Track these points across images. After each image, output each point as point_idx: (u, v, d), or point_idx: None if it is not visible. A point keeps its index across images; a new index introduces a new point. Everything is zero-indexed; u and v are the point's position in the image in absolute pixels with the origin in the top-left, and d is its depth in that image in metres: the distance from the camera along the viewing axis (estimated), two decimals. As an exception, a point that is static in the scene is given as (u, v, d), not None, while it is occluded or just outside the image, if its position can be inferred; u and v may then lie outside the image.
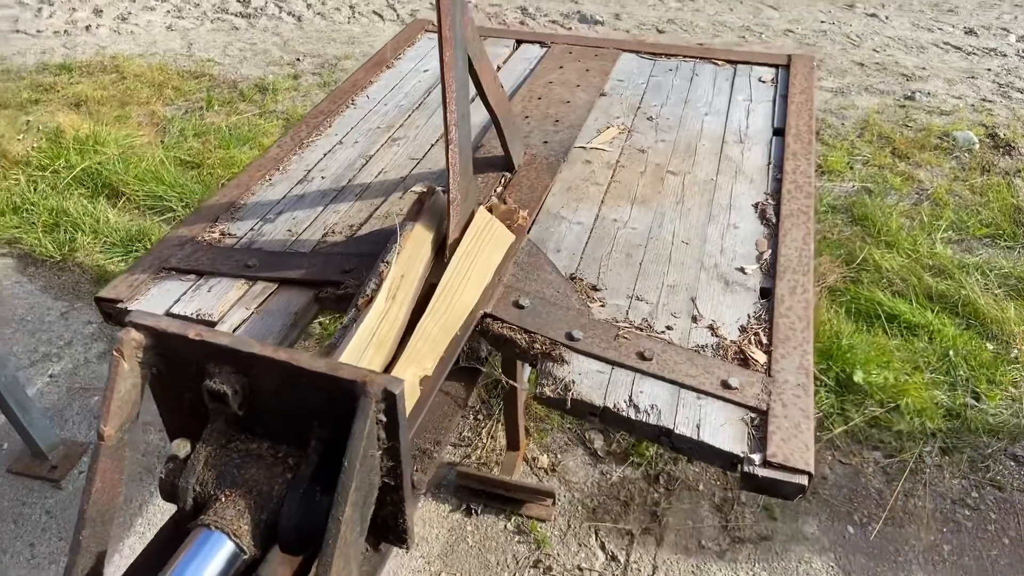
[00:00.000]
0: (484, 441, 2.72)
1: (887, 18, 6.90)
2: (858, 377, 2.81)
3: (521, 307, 1.44)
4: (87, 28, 6.66)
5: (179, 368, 0.98)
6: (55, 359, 3.08)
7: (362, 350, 1.19)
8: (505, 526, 2.46)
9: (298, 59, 6.03)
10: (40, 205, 3.88)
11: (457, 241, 1.44)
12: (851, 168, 4.44)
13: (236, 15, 6.96)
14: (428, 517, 2.48)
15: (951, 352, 2.97)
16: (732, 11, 7.07)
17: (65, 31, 6.61)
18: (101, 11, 7.03)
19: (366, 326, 1.21)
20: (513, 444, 2.54)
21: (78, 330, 3.23)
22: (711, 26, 6.66)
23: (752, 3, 7.30)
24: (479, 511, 2.49)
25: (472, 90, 1.55)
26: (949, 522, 2.46)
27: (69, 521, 2.50)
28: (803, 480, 1.19)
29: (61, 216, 3.78)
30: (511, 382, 2.13)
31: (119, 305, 1.50)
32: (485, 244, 1.45)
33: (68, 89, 5.38)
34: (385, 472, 0.96)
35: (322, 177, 1.88)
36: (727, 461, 1.26)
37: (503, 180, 1.77)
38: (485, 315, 1.41)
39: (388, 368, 1.22)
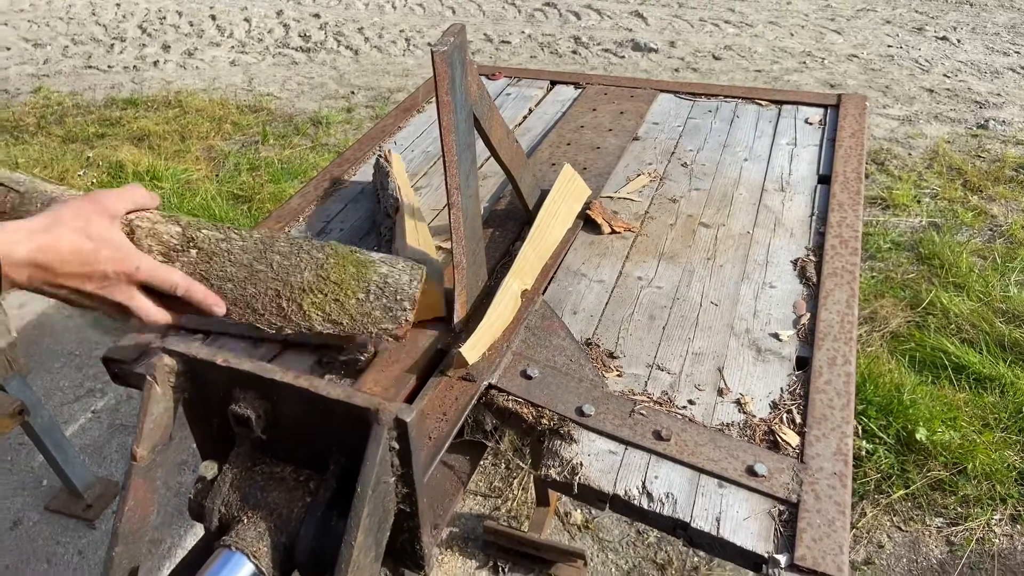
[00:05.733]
0: (515, 492, 2.62)
1: (959, 41, 6.58)
2: (921, 435, 2.60)
3: (529, 377, 1.35)
4: (155, 63, 6.91)
5: (208, 393, 1.03)
6: (99, 395, 3.13)
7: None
8: (534, 586, 2.35)
9: (352, 92, 6.12)
10: (96, 240, 3.98)
11: (465, 315, 1.38)
12: (918, 202, 4.20)
13: (297, 49, 7.12)
14: (454, 572, 2.39)
15: (1025, 408, 2.73)
16: (793, 36, 6.87)
17: (134, 66, 6.87)
18: (169, 47, 7.29)
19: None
20: (543, 500, 2.43)
21: (123, 365, 3.27)
22: (770, 52, 6.48)
23: (814, 27, 7.08)
24: (507, 570, 2.38)
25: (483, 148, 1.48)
26: (1022, 601, 2.24)
27: (99, 562, 2.51)
28: (834, 588, 1.06)
29: (114, 251, 3.87)
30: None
31: (125, 366, 1.47)
32: (569, 193, 1.72)
33: (133, 124, 5.57)
34: (400, 498, 0.98)
35: (340, 229, 1.83)
36: (750, 561, 1.14)
37: (521, 232, 1.69)
38: (490, 386, 1.33)
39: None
